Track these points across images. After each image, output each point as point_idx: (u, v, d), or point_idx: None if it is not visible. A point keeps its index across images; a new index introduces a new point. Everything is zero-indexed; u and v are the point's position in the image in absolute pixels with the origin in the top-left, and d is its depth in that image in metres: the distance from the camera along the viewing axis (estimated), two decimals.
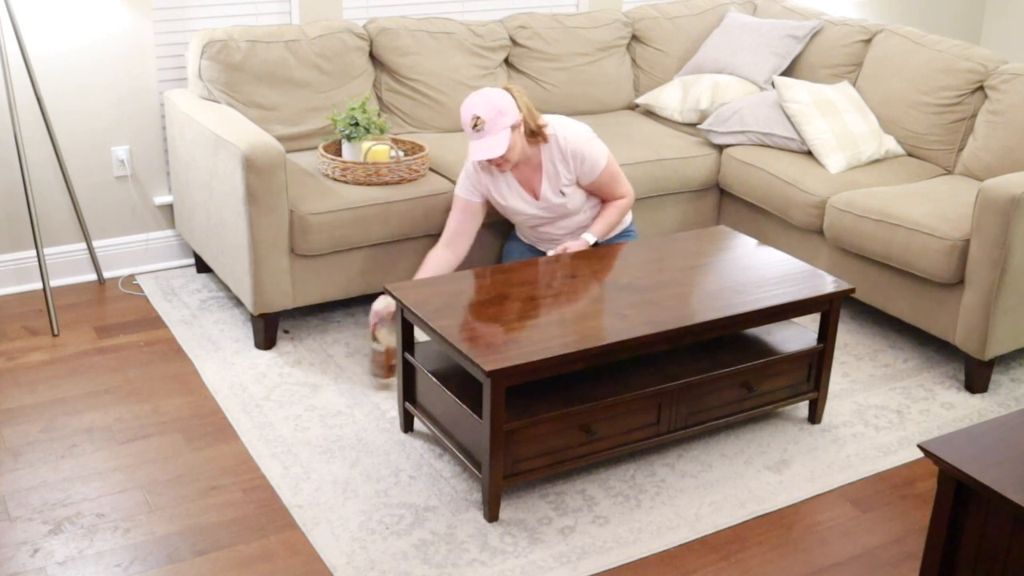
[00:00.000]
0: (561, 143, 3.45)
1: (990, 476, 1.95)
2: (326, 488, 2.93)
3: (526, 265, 3.26)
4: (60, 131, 4.00)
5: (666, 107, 4.52)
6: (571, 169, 3.47)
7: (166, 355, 3.64)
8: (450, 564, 2.65)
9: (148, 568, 2.62)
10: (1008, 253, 3.28)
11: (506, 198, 3.53)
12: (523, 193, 3.52)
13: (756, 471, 3.07)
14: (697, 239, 3.51)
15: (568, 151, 3.45)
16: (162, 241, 4.31)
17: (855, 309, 4.08)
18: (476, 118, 3.30)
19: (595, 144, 3.50)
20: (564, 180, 3.48)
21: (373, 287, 3.77)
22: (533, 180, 3.51)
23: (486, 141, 3.32)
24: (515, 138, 3.34)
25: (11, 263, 4.06)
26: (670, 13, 4.82)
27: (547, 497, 2.93)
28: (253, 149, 3.40)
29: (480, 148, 3.33)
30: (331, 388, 3.44)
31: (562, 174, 3.48)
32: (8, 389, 3.40)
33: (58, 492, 2.89)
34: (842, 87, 4.32)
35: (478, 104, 3.32)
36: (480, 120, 3.30)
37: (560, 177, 3.48)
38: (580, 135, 3.49)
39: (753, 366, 3.10)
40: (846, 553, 2.76)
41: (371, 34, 4.21)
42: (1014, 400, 3.49)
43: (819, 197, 3.88)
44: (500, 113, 3.30)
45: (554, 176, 3.48)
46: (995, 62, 4.06)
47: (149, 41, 4.05)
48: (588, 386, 2.92)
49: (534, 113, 3.43)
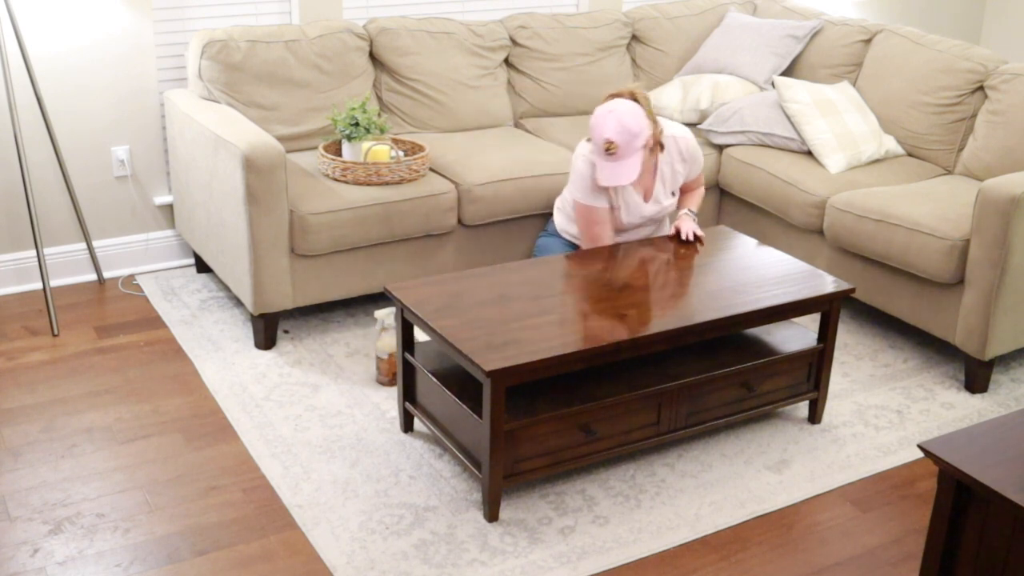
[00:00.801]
0: (681, 143, 3.43)
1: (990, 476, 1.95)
2: (326, 488, 2.93)
3: (526, 265, 3.26)
4: (60, 131, 4.00)
5: (666, 107, 4.52)
6: (685, 166, 3.46)
7: (166, 355, 3.64)
8: (450, 564, 2.65)
9: (148, 568, 2.62)
10: (1008, 253, 3.28)
11: (626, 202, 3.43)
12: (638, 199, 3.45)
13: (756, 471, 3.07)
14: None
15: (687, 151, 3.44)
16: (162, 241, 4.31)
17: (855, 309, 4.08)
18: (609, 143, 3.20)
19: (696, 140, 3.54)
20: (679, 179, 3.48)
21: (373, 287, 3.77)
22: (647, 183, 3.45)
23: (618, 165, 3.22)
24: (644, 156, 3.29)
25: (11, 263, 4.06)
26: (670, 13, 4.82)
27: (547, 497, 2.93)
28: (253, 149, 3.40)
29: (611, 174, 3.23)
30: (331, 388, 3.44)
31: (679, 173, 3.47)
32: (8, 389, 3.40)
33: (58, 492, 2.89)
34: (842, 87, 4.32)
35: (611, 126, 3.20)
36: (613, 145, 3.20)
37: (676, 176, 3.47)
38: (686, 132, 3.49)
39: (753, 366, 3.10)
40: (846, 553, 2.76)
41: (371, 34, 4.21)
42: (1014, 400, 3.49)
43: (819, 197, 3.88)
44: (634, 136, 3.20)
45: (670, 177, 3.46)
46: (995, 62, 4.06)
47: (149, 41, 4.05)
48: (588, 386, 2.92)
49: (657, 123, 3.34)
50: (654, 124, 3.31)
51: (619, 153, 3.21)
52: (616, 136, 3.20)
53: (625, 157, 3.22)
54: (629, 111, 3.23)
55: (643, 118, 3.25)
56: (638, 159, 3.22)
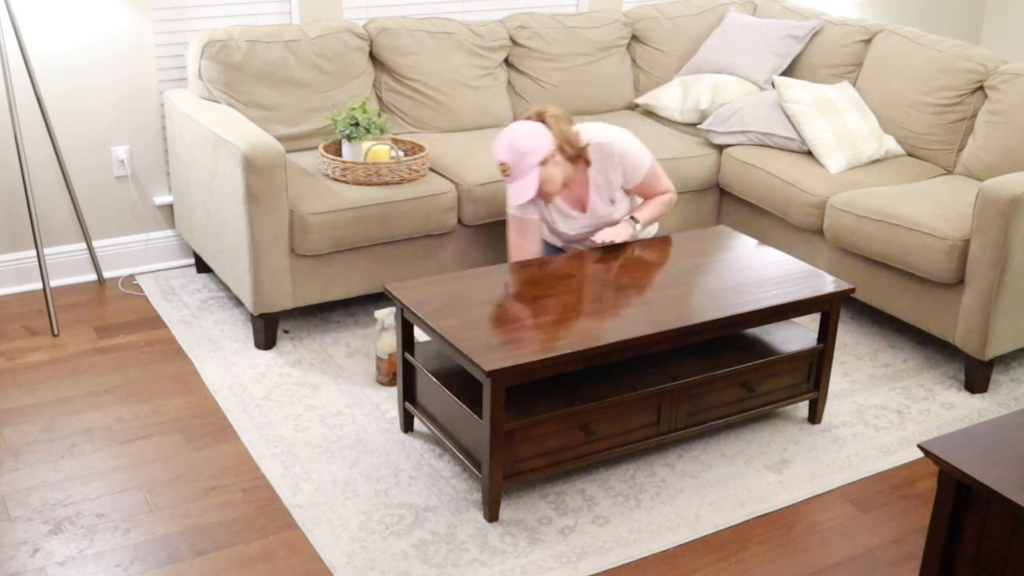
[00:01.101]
0: (606, 148, 3.37)
1: (990, 476, 1.95)
2: (326, 488, 2.93)
3: (526, 265, 3.26)
4: (60, 131, 4.00)
5: (666, 107, 4.52)
6: (619, 172, 3.40)
7: (166, 355, 3.64)
8: (450, 564, 2.65)
9: (148, 568, 2.62)
10: (1008, 253, 3.28)
11: (553, 219, 3.47)
12: (570, 211, 3.45)
13: (756, 471, 3.07)
14: (697, 239, 3.51)
15: (615, 153, 3.37)
16: (162, 241, 4.31)
17: (855, 309, 4.08)
18: (501, 164, 3.26)
19: (637, 144, 3.44)
20: (615, 186, 3.42)
21: (373, 287, 3.77)
22: (581, 195, 3.45)
23: (515, 186, 3.25)
24: (549, 172, 3.27)
25: (11, 263, 4.06)
26: (670, 13, 4.82)
27: (547, 497, 2.93)
28: (253, 149, 3.40)
29: (511, 193, 3.27)
30: (331, 388, 3.44)
31: (613, 180, 3.41)
32: (8, 389, 3.40)
33: (58, 492, 2.89)
34: (842, 87, 4.32)
35: (501, 149, 3.25)
36: (505, 166, 3.25)
37: (611, 184, 3.42)
38: (623, 136, 3.41)
39: (753, 366, 3.10)
40: (846, 553, 2.76)
41: (371, 34, 4.21)
42: (1014, 400, 3.49)
43: (819, 197, 3.88)
44: (523, 155, 3.22)
45: (604, 186, 3.42)
46: (995, 62, 4.06)
47: (149, 41, 4.05)
48: (588, 386, 2.92)
49: (572, 137, 3.33)
50: (567, 140, 3.28)
51: (512, 173, 3.25)
52: (506, 156, 3.24)
53: (519, 176, 3.24)
54: (522, 131, 3.26)
55: (538, 136, 3.25)
56: (534, 176, 3.22)
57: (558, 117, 3.34)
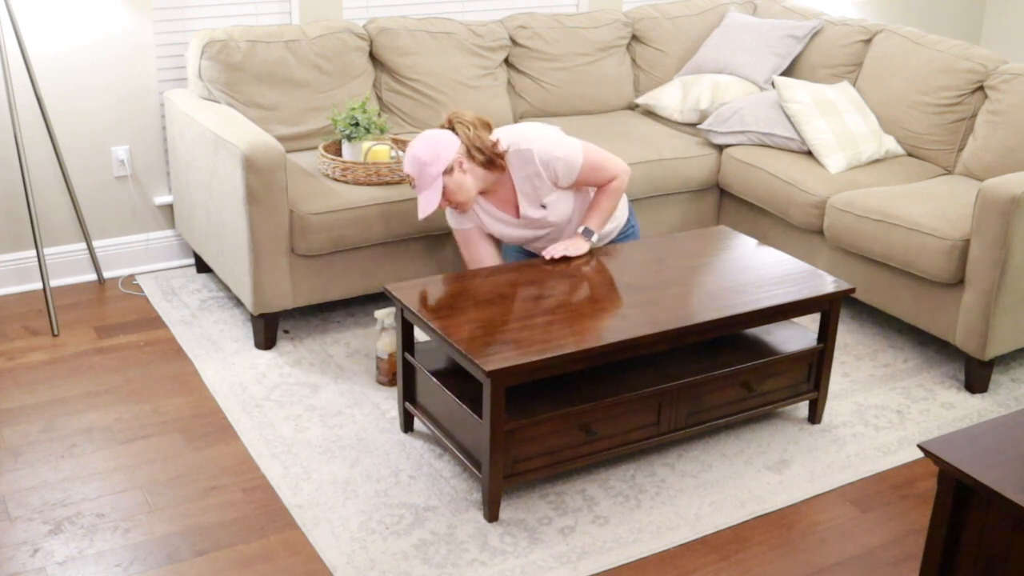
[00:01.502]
0: (526, 155, 3.22)
1: (990, 476, 1.95)
2: (326, 488, 2.93)
3: (526, 265, 3.26)
4: (60, 131, 4.00)
5: (666, 107, 4.52)
6: (548, 177, 3.26)
7: (166, 355, 3.64)
8: (450, 564, 2.65)
9: (148, 568, 2.62)
10: (1008, 253, 3.28)
11: (489, 226, 3.40)
12: (503, 215, 3.36)
13: (756, 471, 3.07)
14: (697, 239, 3.51)
15: (539, 161, 3.21)
16: (162, 241, 4.31)
17: (855, 309, 4.08)
18: (407, 176, 3.22)
19: (564, 143, 3.26)
20: (543, 191, 3.29)
21: (373, 287, 3.77)
22: (510, 200, 3.35)
23: (422, 197, 3.18)
24: (456, 180, 3.17)
25: (11, 263, 4.06)
26: (670, 13, 4.82)
27: (547, 497, 2.93)
28: (253, 149, 3.40)
29: (420, 204, 3.20)
30: (331, 388, 3.44)
31: (539, 186, 3.28)
32: (8, 389, 3.40)
33: (58, 492, 2.89)
34: (842, 87, 4.32)
35: (405, 161, 3.20)
36: (409, 178, 3.22)
37: (537, 190, 3.29)
38: (546, 139, 3.25)
39: (753, 366, 3.10)
40: (846, 553, 2.76)
41: (371, 34, 4.21)
42: (1014, 400, 3.49)
43: (819, 197, 3.88)
44: (424, 165, 3.14)
45: (531, 192, 3.29)
46: (995, 62, 4.06)
47: (149, 41, 4.05)
48: (588, 386, 2.92)
49: (484, 142, 3.20)
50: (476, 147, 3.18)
51: (417, 184, 3.20)
52: (409, 168, 3.20)
53: (423, 187, 3.18)
54: (425, 141, 3.18)
55: (441, 145, 3.16)
56: (437, 187, 3.15)
57: (469, 123, 3.23)
